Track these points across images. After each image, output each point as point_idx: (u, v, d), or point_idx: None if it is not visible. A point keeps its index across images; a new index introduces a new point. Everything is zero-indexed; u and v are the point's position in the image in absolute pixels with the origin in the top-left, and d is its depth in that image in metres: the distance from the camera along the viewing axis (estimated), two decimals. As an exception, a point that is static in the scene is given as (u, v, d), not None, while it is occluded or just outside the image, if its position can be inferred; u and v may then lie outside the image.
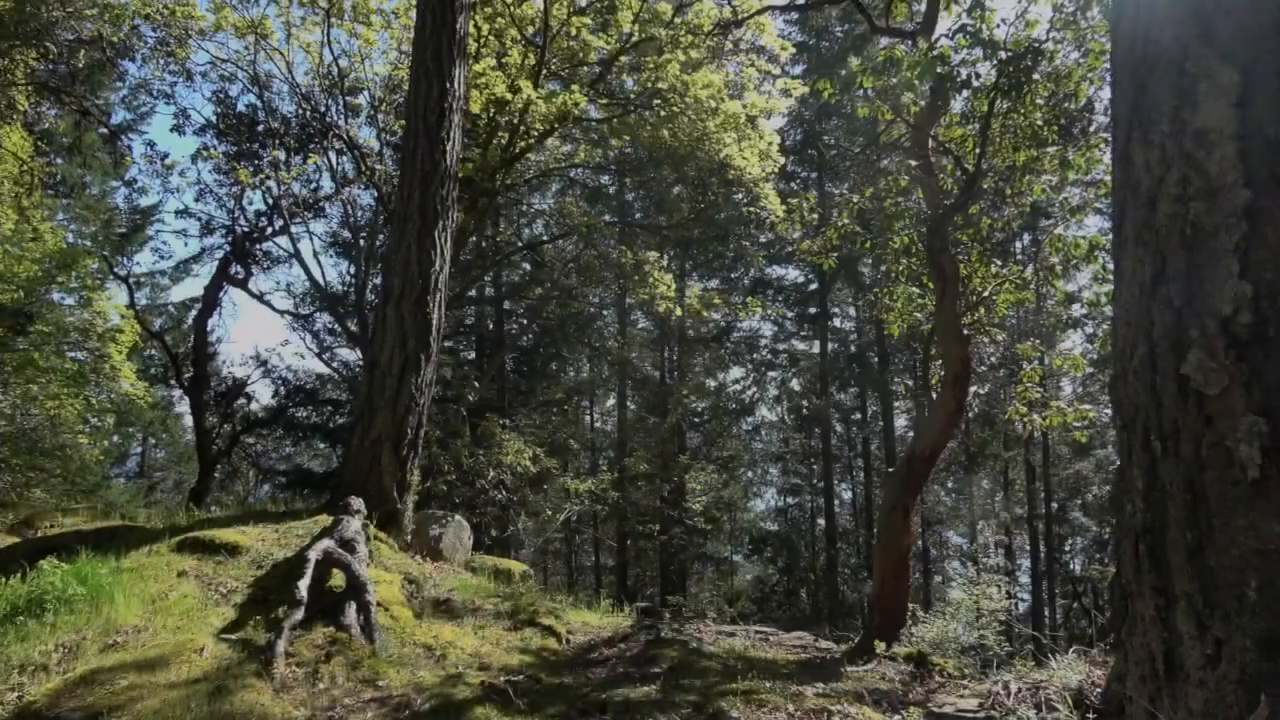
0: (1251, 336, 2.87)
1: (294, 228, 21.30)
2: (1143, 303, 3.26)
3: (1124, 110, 3.53)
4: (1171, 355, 3.10)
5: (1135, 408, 3.30)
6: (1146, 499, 3.20)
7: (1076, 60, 8.83)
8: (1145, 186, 3.36)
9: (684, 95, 15.14)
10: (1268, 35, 3.12)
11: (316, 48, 18.77)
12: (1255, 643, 2.71)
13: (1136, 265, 3.36)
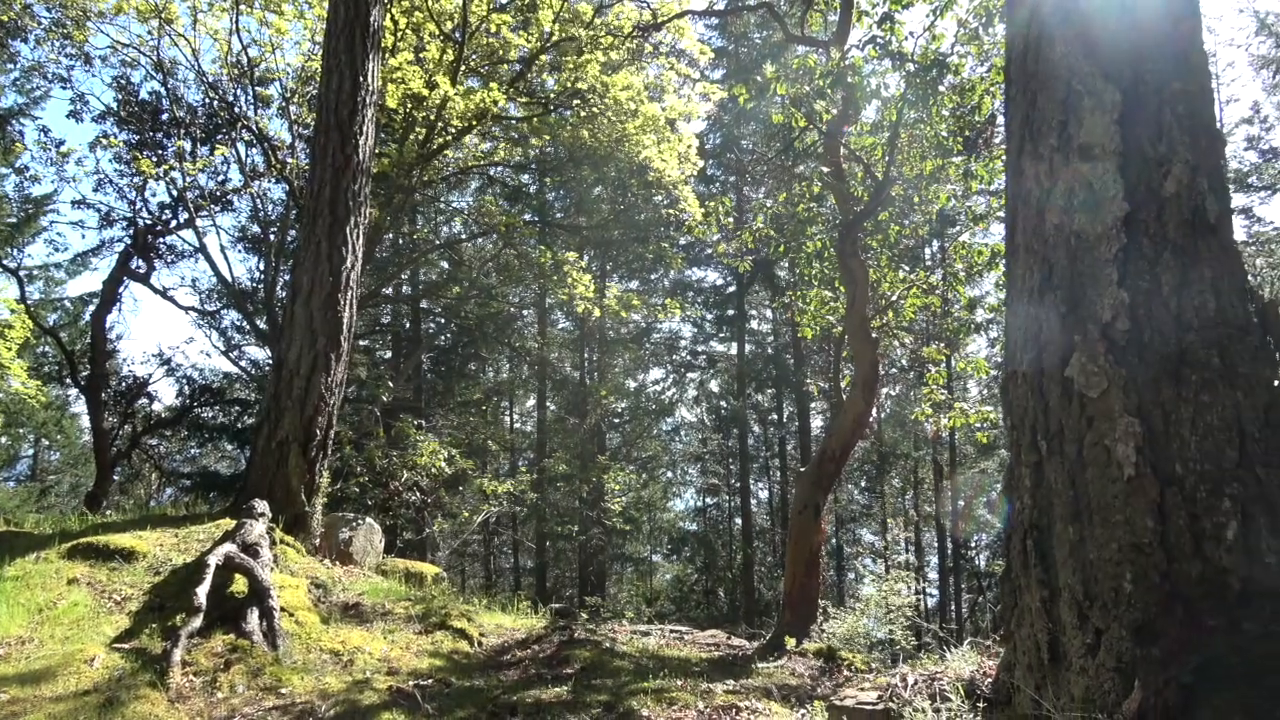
0: (1128, 342, 3.03)
1: (200, 221, 20.50)
2: (1031, 309, 3.41)
3: (1017, 124, 3.68)
4: (1057, 359, 3.25)
5: (1024, 409, 3.45)
6: (1034, 496, 3.35)
7: (980, 74, 9.16)
8: (1035, 197, 3.52)
9: (604, 96, 15.15)
10: (1148, 58, 3.30)
11: (225, 35, 18.10)
12: (1130, 632, 2.86)
13: (1026, 273, 3.51)
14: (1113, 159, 3.22)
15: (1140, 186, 3.18)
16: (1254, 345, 3.07)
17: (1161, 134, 3.19)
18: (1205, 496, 2.84)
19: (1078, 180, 3.30)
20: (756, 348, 30.83)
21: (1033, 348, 3.40)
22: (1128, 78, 3.33)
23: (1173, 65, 3.34)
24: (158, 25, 17.86)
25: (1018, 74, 3.76)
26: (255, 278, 23.77)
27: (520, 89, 17.31)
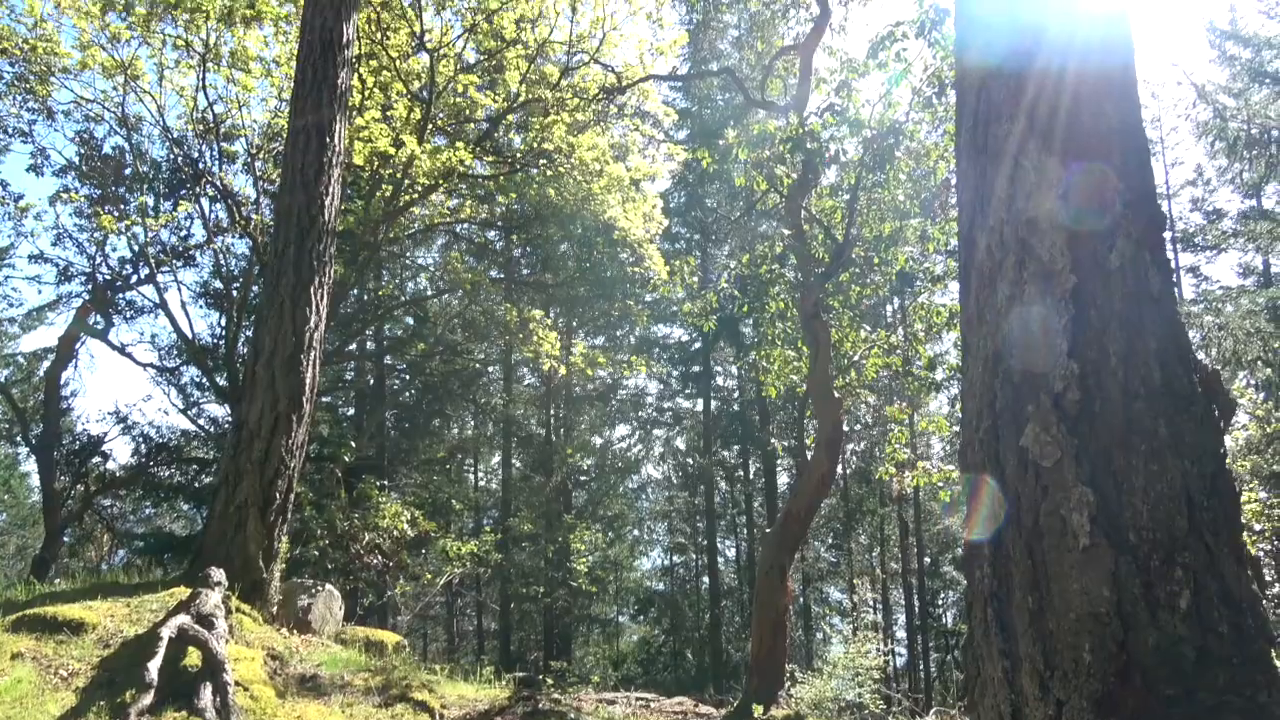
0: (1079, 412, 3.09)
1: (161, 276, 20.31)
2: (986, 377, 3.47)
3: (968, 196, 3.79)
4: (1012, 428, 3.30)
5: (982, 476, 3.48)
6: (993, 564, 3.37)
7: (934, 140, 9.45)
8: (987, 268, 3.61)
9: (570, 156, 15.37)
10: (1091, 136, 3.43)
11: (191, 92, 18.13)
12: (1091, 703, 2.86)
13: (981, 341, 3.58)
14: (1060, 233, 3.33)
15: (1086, 260, 3.28)
16: (1199, 414, 3.15)
17: (1105, 210, 3.30)
18: (1159, 565, 2.88)
19: (1028, 253, 3.39)
20: (722, 404, 30.92)
21: (988, 416, 3.45)
22: (1074, 158, 3.45)
23: (1116, 144, 3.47)
24: (123, 81, 17.84)
25: (967, 147, 3.89)
26: (216, 334, 23.51)
27: (487, 148, 17.50)
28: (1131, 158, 3.48)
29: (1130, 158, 3.48)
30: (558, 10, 15.15)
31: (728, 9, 20.89)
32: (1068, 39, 3.73)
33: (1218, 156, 12.97)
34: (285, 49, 16.98)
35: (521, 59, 15.87)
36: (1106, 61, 3.64)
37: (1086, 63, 3.62)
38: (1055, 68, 3.65)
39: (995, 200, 3.60)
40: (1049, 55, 3.71)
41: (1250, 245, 22.08)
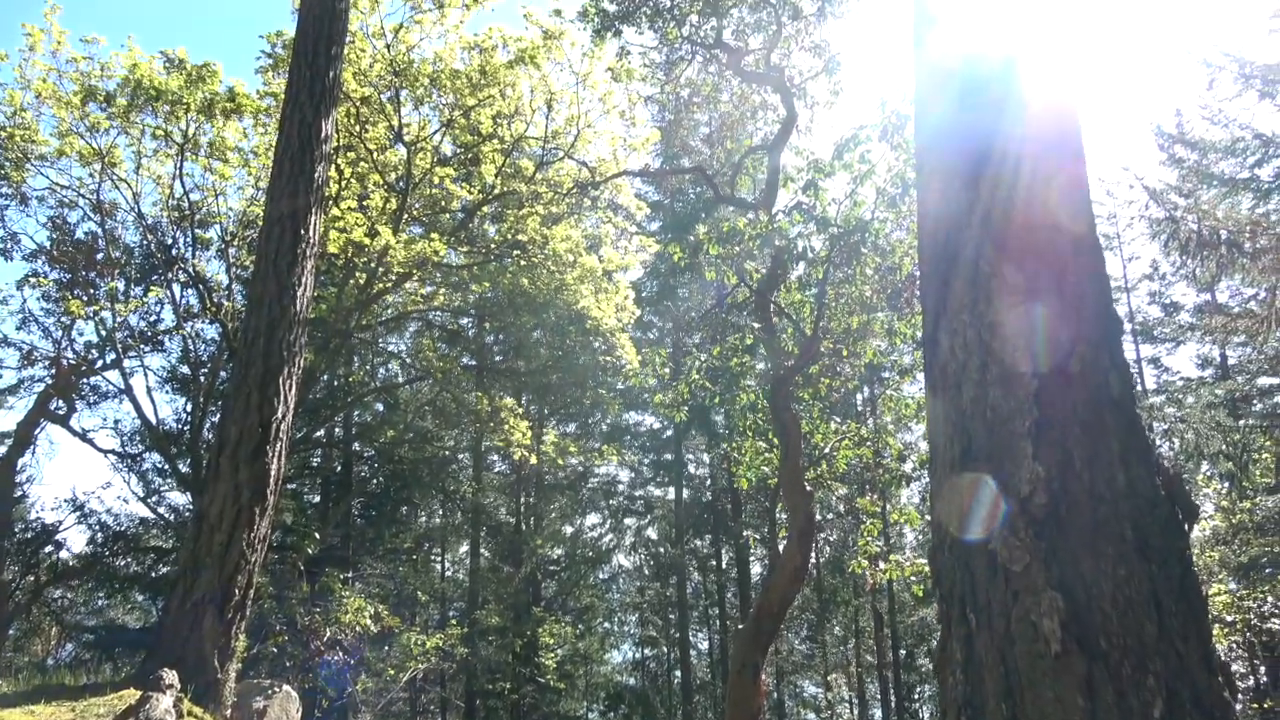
0: (1046, 515, 3.11)
1: (128, 361, 20.09)
2: (954, 479, 3.49)
3: (931, 299, 3.88)
4: (981, 532, 3.31)
5: (953, 580, 3.47)
6: (966, 671, 3.32)
7: (899, 237, 9.70)
8: (952, 370, 3.67)
9: (544, 247, 15.59)
10: (1048, 244, 3.55)
11: (168, 179, 18.28)
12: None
13: (947, 443, 3.61)
14: (1021, 336, 3.40)
15: (1048, 363, 3.35)
16: (1163, 517, 3.17)
17: (1064, 315, 3.38)
18: (1131, 673, 2.86)
19: (990, 356, 3.46)
20: (694, 492, 30.72)
21: (957, 519, 3.46)
22: (1031, 263, 3.55)
23: (1071, 249, 3.59)
24: (100, 168, 17.96)
25: (929, 252, 4.00)
26: (181, 419, 23.15)
27: (462, 238, 17.72)
28: (1086, 263, 3.60)
29: (1085, 263, 3.59)
30: (533, 108, 15.58)
31: (699, 108, 21.65)
32: (1020, 148, 3.88)
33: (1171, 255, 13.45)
34: (264, 140, 17.26)
35: (498, 153, 16.23)
36: (1059, 169, 3.79)
37: (1039, 171, 3.77)
38: (1009, 175, 3.80)
39: (957, 303, 3.69)
40: (1003, 163, 3.86)
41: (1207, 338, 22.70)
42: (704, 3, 11.42)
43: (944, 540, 3.54)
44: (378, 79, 15.57)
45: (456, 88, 15.56)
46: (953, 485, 3.50)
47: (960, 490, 3.45)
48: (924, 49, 4.56)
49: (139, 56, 15.99)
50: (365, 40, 15.13)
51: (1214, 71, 16.43)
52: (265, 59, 16.12)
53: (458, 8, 14.85)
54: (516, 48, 15.02)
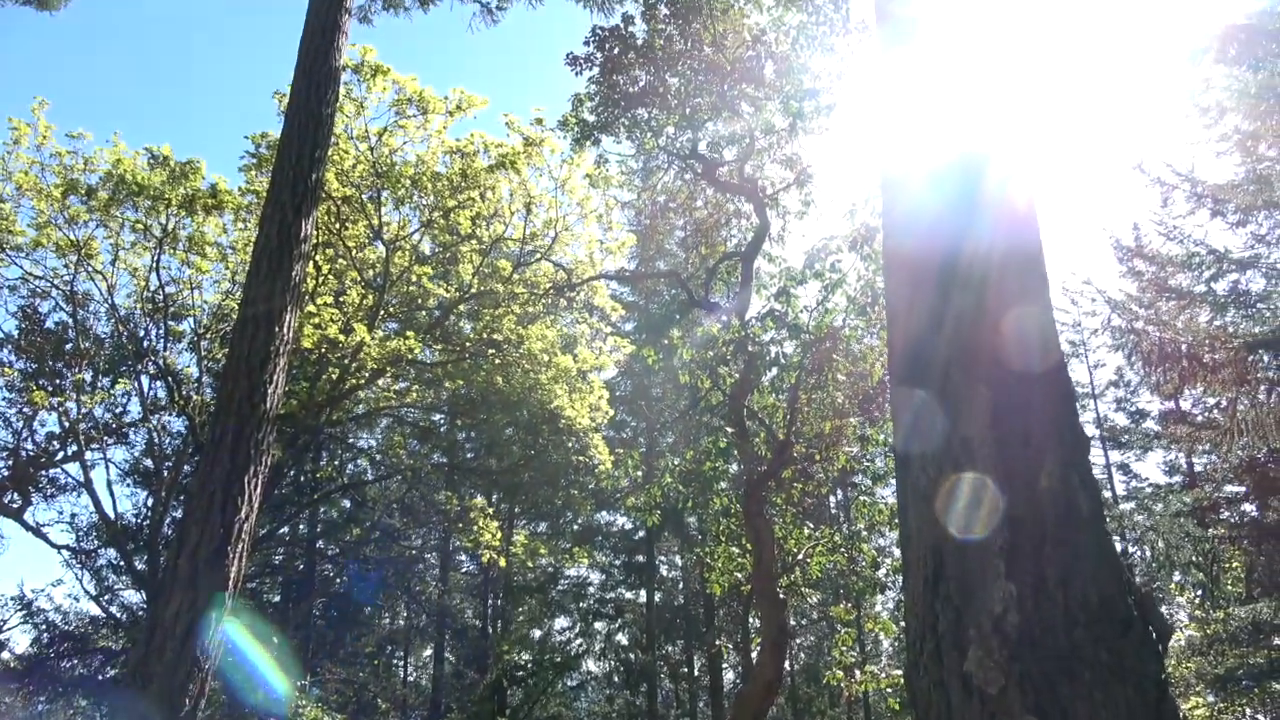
0: (1021, 636, 3.07)
1: (90, 453, 19.66)
2: (927, 598, 3.45)
3: (902, 416, 3.92)
4: (955, 652, 3.25)
5: (929, 701, 3.39)
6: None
7: (870, 344, 9.86)
8: (923, 485, 3.67)
9: (519, 347, 15.66)
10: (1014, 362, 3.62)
11: (144, 272, 18.31)
12: None
13: (920, 560, 3.58)
14: (990, 455, 3.43)
15: (1018, 481, 3.36)
16: (1138, 638, 3.15)
17: (1032, 434, 3.42)
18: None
19: (960, 473, 3.47)
20: (666, 596, 30.11)
21: (931, 639, 3.40)
22: (998, 380, 3.61)
23: (1037, 367, 3.66)
24: (75, 260, 17.97)
25: (899, 365, 4.06)
26: (142, 514, 22.55)
27: (437, 335, 17.77)
28: (1052, 380, 3.66)
29: (1051, 379, 3.66)
30: (513, 210, 15.90)
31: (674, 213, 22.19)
32: (984, 260, 3.98)
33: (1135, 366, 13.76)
34: (243, 234, 17.41)
35: (476, 253, 16.46)
36: (1023, 282, 3.89)
37: (1004, 284, 3.87)
38: (974, 287, 3.89)
39: (927, 419, 3.72)
40: (968, 274, 3.95)
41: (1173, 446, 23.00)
42: (680, 116, 11.84)
43: (919, 660, 3.48)
44: (360, 179, 15.87)
45: (437, 189, 15.88)
46: (926, 604, 3.46)
47: (933, 609, 3.41)
48: (889, 164, 4.71)
49: (124, 152, 16.22)
50: (349, 142, 15.48)
51: (1168, 190, 17.17)
52: (249, 158, 16.40)
53: (441, 114, 15.29)
54: (498, 153, 15.42)
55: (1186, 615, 15.89)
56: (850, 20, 11.01)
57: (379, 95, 15.19)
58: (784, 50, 11.18)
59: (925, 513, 3.60)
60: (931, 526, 3.54)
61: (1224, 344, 11.68)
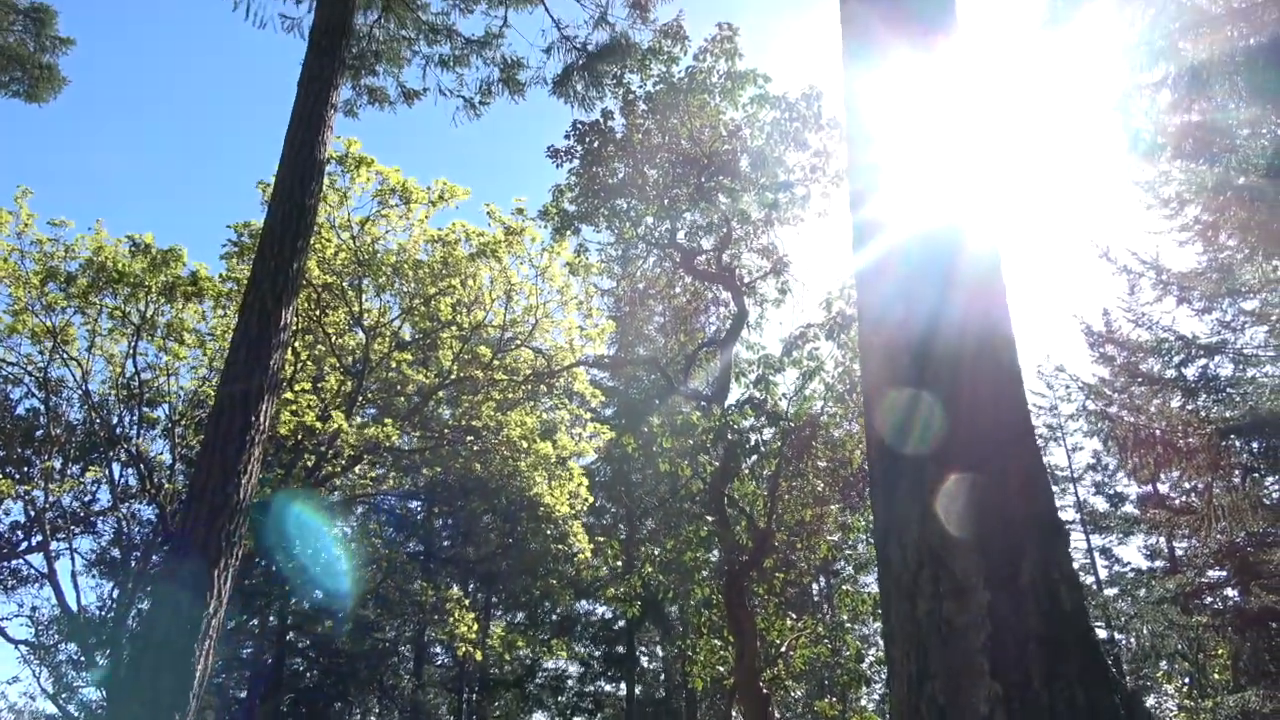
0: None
1: (55, 543, 19.15)
2: (912, 699, 3.38)
3: (881, 511, 3.90)
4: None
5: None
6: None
7: (850, 430, 9.89)
8: (905, 581, 3.64)
9: (498, 433, 15.57)
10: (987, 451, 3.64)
11: (120, 358, 18.18)
12: None
13: (904, 658, 3.53)
14: (970, 549, 3.41)
15: (998, 576, 3.35)
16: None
17: (1010, 527, 3.42)
18: None
19: (941, 568, 3.45)
20: (647, 689, 29.30)
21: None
22: (973, 471, 3.62)
23: (1013, 460, 3.68)
24: (51, 346, 17.83)
25: (876, 463, 4.06)
26: (106, 605, 21.82)
27: (415, 422, 17.65)
28: (1030, 473, 3.68)
29: (1028, 473, 3.67)
30: (493, 297, 16.02)
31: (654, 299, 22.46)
32: (957, 354, 4.02)
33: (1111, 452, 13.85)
34: (222, 321, 17.39)
35: (456, 339, 16.50)
36: (996, 375, 3.93)
37: (978, 377, 3.91)
38: (948, 380, 3.93)
39: (906, 515, 3.72)
40: (941, 370, 3.99)
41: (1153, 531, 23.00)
42: (658, 206, 12.10)
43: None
44: (341, 267, 15.98)
45: (419, 277, 16.01)
46: (910, 705, 3.39)
47: (918, 710, 3.34)
48: (862, 253, 4.76)
49: (105, 239, 16.29)
50: (331, 231, 15.64)
51: (1134, 277, 17.62)
52: (231, 246, 16.51)
53: (424, 203, 15.53)
54: (479, 241, 15.63)
55: (1175, 705, 15.63)
56: (822, 117, 11.41)
57: (362, 185, 15.44)
58: (759, 145, 11.53)
59: (907, 610, 3.56)
60: (914, 623, 3.49)
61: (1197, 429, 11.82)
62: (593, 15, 11.55)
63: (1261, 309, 14.64)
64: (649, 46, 11.75)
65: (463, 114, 12.51)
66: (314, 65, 9.24)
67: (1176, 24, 8.60)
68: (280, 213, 9.54)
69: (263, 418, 8.78)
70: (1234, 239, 14.80)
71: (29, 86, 13.91)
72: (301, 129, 10.02)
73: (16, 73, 13.97)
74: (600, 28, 11.66)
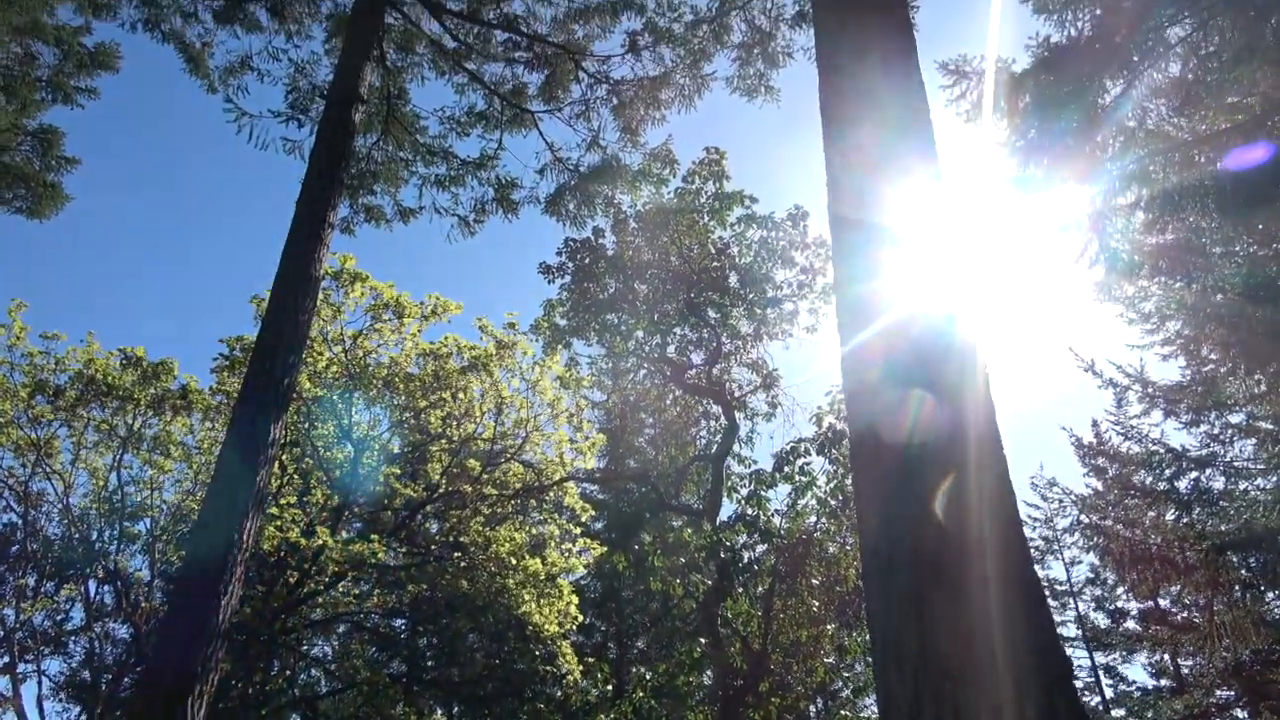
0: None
1: (22, 665, 18.45)
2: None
3: (879, 636, 3.81)
4: None
5: None
6: None
7: (845, 547, 9.75)
8: (904, 709, 3.52)
9: (485, 549, 15.27)
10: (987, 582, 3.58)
11: (104, 471, 17.97)
12: None
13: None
14: (973, 682, 3.32)
15: (1003, 710, 3.24)
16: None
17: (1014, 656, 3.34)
18: None
19: (941, 702, 3.35)
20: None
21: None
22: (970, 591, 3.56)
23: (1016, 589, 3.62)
24: (35, 459, 17.64)
25: (872, 578, 3.99)
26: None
27: (401, 537, 17.33)
28: (1027, 593, 3.62)
29: (1026, 593, 3.61)
30: (483, 410, 16.01)
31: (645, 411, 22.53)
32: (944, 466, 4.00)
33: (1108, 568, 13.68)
34: (209, 435, 17.28)
35: (445, 452, 16.39)
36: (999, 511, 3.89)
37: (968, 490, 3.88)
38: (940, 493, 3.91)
39: (905, 638, 3.63)
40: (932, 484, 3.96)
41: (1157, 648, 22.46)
42: (649, 322, 12.26)
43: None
44: (332, 380, 16.01)
45: (409, 390, 16.03)
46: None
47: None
48: (850, 367, 4.71)
49: (97, 352, 16.34)
50: (324, 344, 15.73)
51: (1121, 390, 17.77)
52: (223, 360, 16.56)
53: (416, 318, 15.69)
54: (470, 355, 15.72)
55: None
56: (808, 236, 11.72)
57: (356, 300, 15.63)
58: (747, 262, 11.79)
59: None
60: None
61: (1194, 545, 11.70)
62: (585, 138, 11.99)
63: (1248, 423, 14.74)
64: (639, 168, 12.15)
65: (457, 232, 12.78)
66: (313, 187, 9.47)
67: (1145, 150, 8.96)
68: (274, 327, 9.59)
69: (246, 535, 8.60)
70: (1216, 353, 15.04)
71: (32, 203, 14.19)
72: (298, 247, 10.19)
73: (20, 190, 14.26)
74: (592, 150, 12.08)
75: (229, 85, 11.59)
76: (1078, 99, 8.53)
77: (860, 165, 4.96)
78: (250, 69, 11.64)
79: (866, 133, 4.92)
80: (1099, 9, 8.68)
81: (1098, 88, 8.76)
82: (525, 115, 12.02)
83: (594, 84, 11.80)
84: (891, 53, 4.92)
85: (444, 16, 11.56)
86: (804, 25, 11.01)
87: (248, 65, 11.62)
